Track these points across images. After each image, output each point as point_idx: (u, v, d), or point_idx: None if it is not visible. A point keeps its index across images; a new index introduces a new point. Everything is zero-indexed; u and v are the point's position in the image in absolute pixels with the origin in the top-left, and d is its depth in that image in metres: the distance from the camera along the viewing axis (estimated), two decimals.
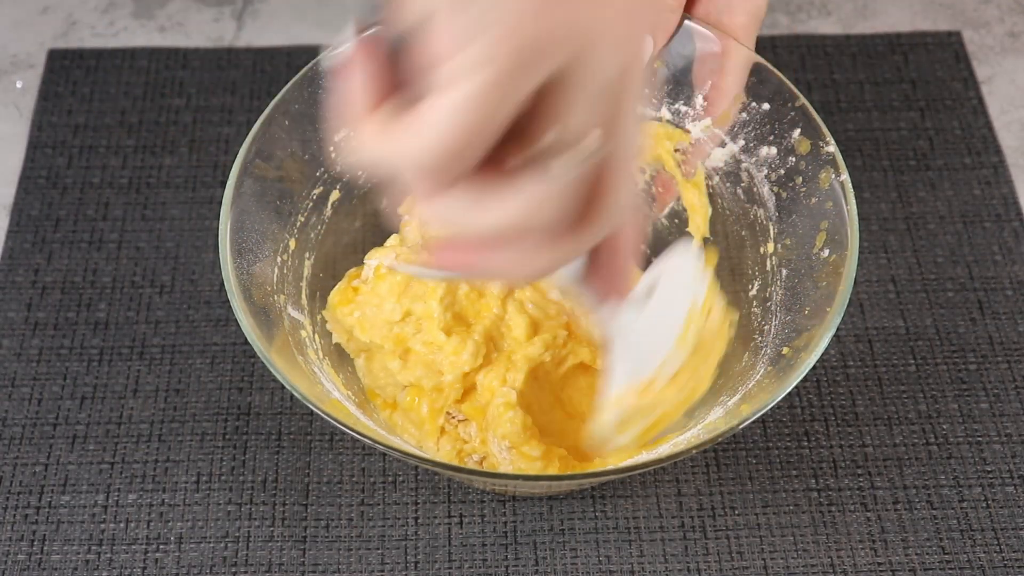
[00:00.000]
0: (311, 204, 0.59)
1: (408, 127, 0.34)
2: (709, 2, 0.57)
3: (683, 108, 0.59)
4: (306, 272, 0.58)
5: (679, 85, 0.59)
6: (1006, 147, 0.73)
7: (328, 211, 0.60)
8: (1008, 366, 0.64)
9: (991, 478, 0.60)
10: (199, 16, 0.81)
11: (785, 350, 0.52)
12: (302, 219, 0.58)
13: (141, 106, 0.75)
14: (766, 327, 0.55)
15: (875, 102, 0.75)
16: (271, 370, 0.48)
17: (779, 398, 0.48)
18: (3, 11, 0.81)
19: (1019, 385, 0.63)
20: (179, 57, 0.77)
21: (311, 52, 0.76)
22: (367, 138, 0.35)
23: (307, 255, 0.58)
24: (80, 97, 0.75)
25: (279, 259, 0.56)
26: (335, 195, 0.59)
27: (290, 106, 0.56)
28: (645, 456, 0.54)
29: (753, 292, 0.58)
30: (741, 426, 0.47)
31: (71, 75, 0.76)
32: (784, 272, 0.55)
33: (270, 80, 0.76)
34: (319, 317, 0.58)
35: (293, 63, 0.77)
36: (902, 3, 0.81)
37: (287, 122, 0.56)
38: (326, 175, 0.59)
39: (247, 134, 0.54)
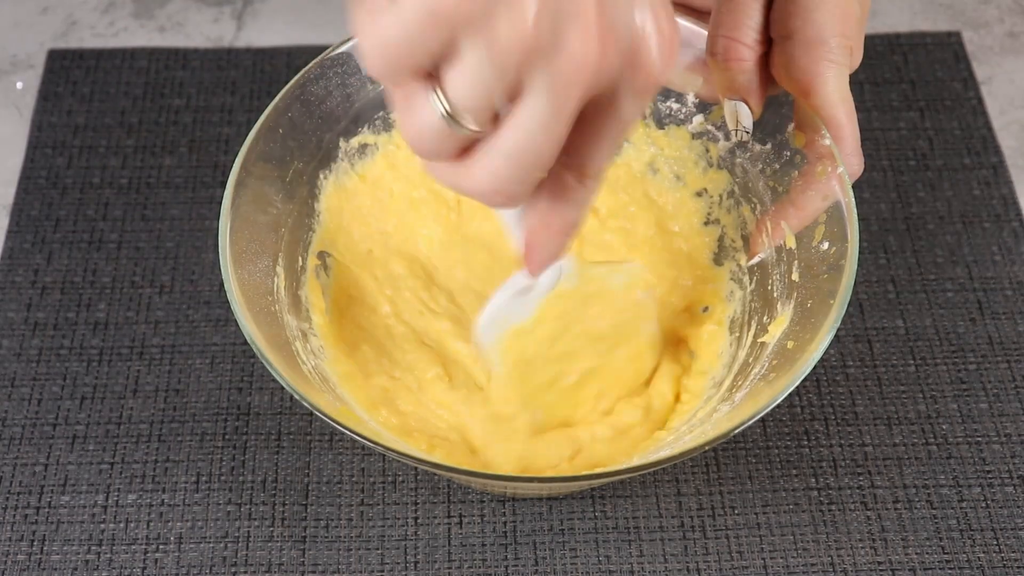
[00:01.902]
0: (311, 205, 0.59)
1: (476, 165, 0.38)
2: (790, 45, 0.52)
3: (674, 106, 0.59)
4: (306, 273, 0.58)
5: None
6: (1006, 147, 0.73)
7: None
8: (1008, 366, 0.64)
9: (991, 478, 0.60)
10: (199, 16, 0.81)
11: (790, 344, 0.52)
12: (302, 219, 0.58)
13: (141, 106, 0.75)
14: (768, 324, 0.55)
15: (875, 102, 0.75)
16: (271, 371, 0.48)
17: (781, 398, 0.48)
18: (3, 11, 0.81)
19: (1019, 385, 0.64)
20: (179, 57, 0.77)
21: (311, 52, 0.76)
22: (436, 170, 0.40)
23: (306, 255, 0.58)
24: (80, 97, 0.75)
25: (279, 260, 0.56)
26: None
27: (290, 106, 0.56)
28: (646, 457, 0.54)
29: (752, 288, 0.58)
30: (741, 427, 0.47)
31: (71, 75, 0.76)
32: (784, 268, 0.55)
33: (270, 80, 0.76)
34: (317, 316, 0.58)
35: (293, 63, 0.77)
36: (902, 3, 0.81)
37: (287, 122, 0.56)
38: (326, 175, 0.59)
39: (247, 134, 0.54)
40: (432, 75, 0.36)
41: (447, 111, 0.36)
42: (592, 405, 0.57)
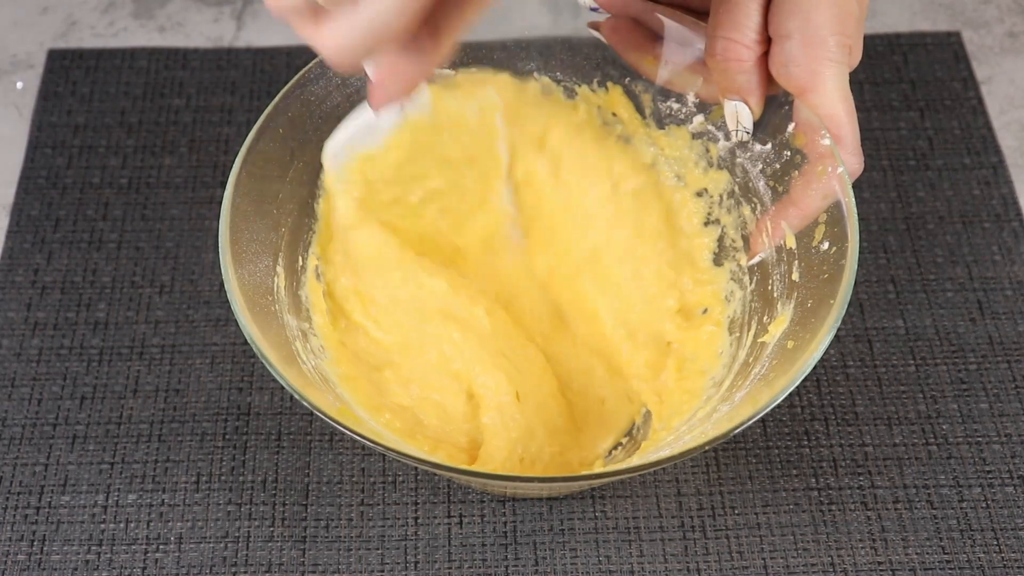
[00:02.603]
0: (311, 205, 0.58)
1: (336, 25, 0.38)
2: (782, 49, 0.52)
3: (674, 106, 0.59)
4: (306, 273, 0.58)
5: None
6: (1005, 147, 0.73)
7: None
8: (1008, 366, 0.64)
9: (991, 478, 0.60)
10: (199, 16, 0.81)
11: (790, 344, 0.52)
12: (302, 219, 0.58)
13: (141, 106, 0.75)
14: (768, 324, 0.55)
15: (875, 102, 0.75)
16: (271, 371, 0.48)
17: (781, 398, 0.48)
18: (3, 11, 0.81)
19: (1019, 385, 0.64)
20: (179, 57, 0.77)
21: (311, 52, 0.76)
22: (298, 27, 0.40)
23: (306, 255, 0.58)
24: (80, 97, 0.75)
25: (279, 260, 0.56)
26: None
27: (290, 106, 0.56)
28: (646, 457, 0.54)
29: (752, 288, 0.58)
30: (741, 427, 0.47)
31: (71, 75, 0.77)
32: (784, 267, 0.55)
33: (270, 80, 0.76)
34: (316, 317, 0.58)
35: (293, 63, 0.77)
36: (902, 3, 0.81)
37: (287, 122, 0.56)
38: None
39: (247, 134, 0.54)
40: None
41: None
42: (435, 224, 0.57)
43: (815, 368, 0.63)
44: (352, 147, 0.53)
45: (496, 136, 0.56)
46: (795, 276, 0.54)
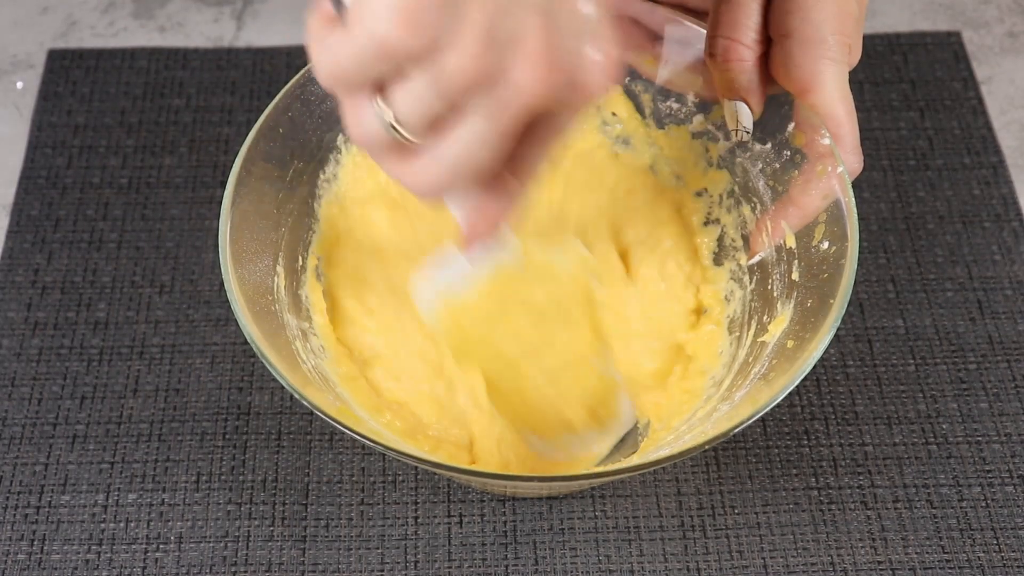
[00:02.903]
0: (311, 205, 0.59)
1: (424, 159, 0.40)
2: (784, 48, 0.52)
3: (674, 106, 0.59)
4: (306, 272, 0.58)
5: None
6: (1005, 147, 0.73)
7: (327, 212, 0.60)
8: (1008, 366, 0.64)
9: (991, 478, 0.60)
10: (199, 16, 0.81)
11: (790, 343, 0.52)
12: (302, 219, 0.58)
13: (141, 106, 0.75)
14: (768, 323, 0.55)
15: (875, 102, 0.75)
16: (271, 371, 0.48)
17: (781, 397, 0.48)
18: (3, 11, 0.81)
19: (1019, 385, 0.64)
20: (179, 57, 0.77)
21: None
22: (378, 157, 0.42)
23: (306, 255, 0.58)
24: (80, 97, 0.75)
25: (279, 260, 0.56)
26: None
27: (290, 106, 0.56)
28: (646, 457, 0.54)
29: (752, 288, 0.58)
30: (741, 427, 0.47)
31: (71, 75, 0.77)
32: (784, 267, 0.55)
33: (270, 80, 0.76)
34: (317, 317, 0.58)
35: (293, 63, 0.77)
36: (902, 3, 0.81)
37: (287, 122, 0.56)
38: (325, 176, 0.59)
39: (247, 134, 0.54)
40: (378, 87, 0.38)
41: (388, 122, 0.39)
42: (539, 384, 0.56)
43: (815, 368, 0.63)
44: (443, 294, 0.52)
45: (591, 293, 0.55)
46: (795, 276, 0.54)
